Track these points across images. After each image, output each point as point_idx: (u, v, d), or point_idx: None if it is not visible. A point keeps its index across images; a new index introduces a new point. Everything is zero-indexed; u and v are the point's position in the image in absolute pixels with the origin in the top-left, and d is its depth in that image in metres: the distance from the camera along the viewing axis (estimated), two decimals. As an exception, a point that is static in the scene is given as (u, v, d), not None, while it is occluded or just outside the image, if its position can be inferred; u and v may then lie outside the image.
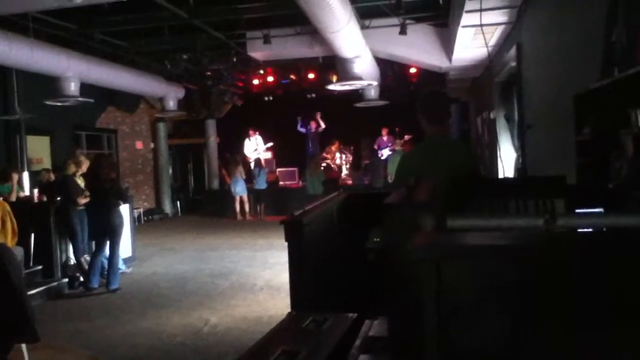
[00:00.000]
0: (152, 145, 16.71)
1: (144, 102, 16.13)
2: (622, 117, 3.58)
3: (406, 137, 14.69)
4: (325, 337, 2.34)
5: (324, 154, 16.71)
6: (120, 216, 7.54)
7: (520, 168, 7.49)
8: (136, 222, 13.05)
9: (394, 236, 1.71)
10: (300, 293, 3.20)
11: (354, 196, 5.19)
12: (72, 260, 7.88)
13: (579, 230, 1.36)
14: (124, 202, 7.94)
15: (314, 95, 16.25)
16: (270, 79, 15.59)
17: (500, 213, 2.18)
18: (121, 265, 8.12)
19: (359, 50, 9.83)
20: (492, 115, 10.45)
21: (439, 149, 3.24)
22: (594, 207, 3.10)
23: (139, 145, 16.34)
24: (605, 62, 4.15)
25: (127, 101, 15.01)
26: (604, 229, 1.46)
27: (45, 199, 8.42)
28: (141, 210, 15.00)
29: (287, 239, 3.35)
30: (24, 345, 4.42)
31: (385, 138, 16.23)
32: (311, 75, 15.10)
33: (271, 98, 16.95)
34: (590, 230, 1.58)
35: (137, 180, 16.09)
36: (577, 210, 2.79)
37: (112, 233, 7.43)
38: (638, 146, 3.57)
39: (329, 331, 2.42)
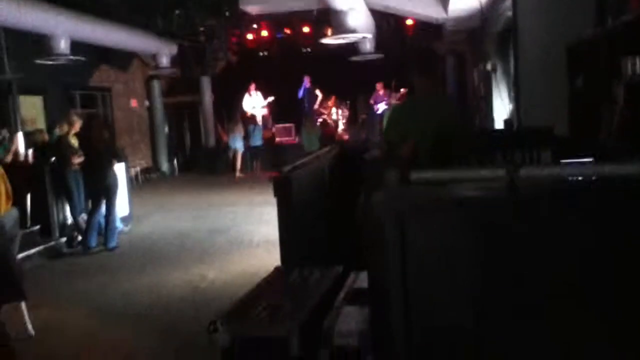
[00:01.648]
0: (147, 103, 16.57)
1: (137, 60, 15.90)
2: (615, 66, 3.55)
3: (402, 90, 14.57)
4: (310, 290, 2.37)
5: (321, 110, 16.61)
6: (114, 176, 7.55)
7: (507, 119, 7.45)
8: (133, 181, 13.08)
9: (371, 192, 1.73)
10: (289, 248, 3.23)
11: (346, 151, 5.18)
12: (70, 220, 7.93)
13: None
14: (119, 162, 7.93)
15: (309, 49, 16.02)
16: (264, 33, 15.35)
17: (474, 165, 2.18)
18: (119, 224, 8.16)
19: (352, 2, 9.65)
20: (488, 67, 10.34)
21: (426, 104, 3.23)
22: (583, 158, 3.11)
23: (133, 103, 16.19)
24: (599, 10, 4.08)
25: (120, 59, 14.79)
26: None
27: (38, 159, 8.40)
28: (138, 169, 14.99)
29: (276, 195, 3.36)
30: (23, 304, 4.50)
31: (381, 92, 16.08)
32: (306, 29, 14.87)
33: (266, 53, 16.71)
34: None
35: (133, 139, 16.02)
36: (563, 161, 2.81)
37: (107, 192, 7.45)
38: (629, 96, 3.54)
39: (314, 284, 2.45)
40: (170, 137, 17.44)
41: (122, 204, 8.61)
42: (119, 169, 8.26)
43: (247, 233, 8.03)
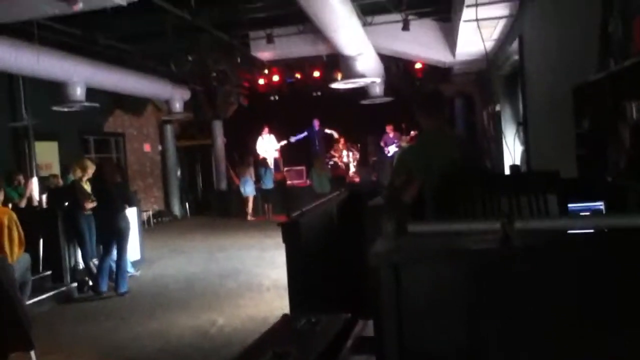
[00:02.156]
0: (160, 147, 16.80)
1: (150, 104, 16.21)
2: (619, 109, 3.56)
3: (412, 133, 14.67)
4: (317, 338, 2.36)
5: (331, 152, 16.72)
6: (126, 220, 7.61)
7: (513, 165, 7.46)
8: (145, 225, 13.17)
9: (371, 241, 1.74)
10: (298, 294, 3.22)
11: (355, 195, 5.19)
12: (81, 265, 7.97)
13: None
14: (130, 206, 8.01)
15: (319, 93, 16.24)
16: (275, 78, 15.62)
17: (466, 217, 2.19)
18: (130, 269, 8.19)
19: (361, 47, 9.83)
20: (496, 108, 10.41)
21: (433, 142, 3.26)
22: (591, 201, 3.11)
23: (147, 147, 16.43)
24: (602, 53, 4.12)
25: (134, 104, 15.09)
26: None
27: (51, 204, 8.50)
28: (150, 212, 15.09)
29: (284, 241, 3.37)
30: (32, 352, 4.49)
31: (391, 135, 16.20)
32: (316, 74, 15.11)
33: (277, 97, 16.97)
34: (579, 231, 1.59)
35: (146, 182, 16.19)
36: (570, 205, 2.80)
37: (118, 237, 7.50)
38: (634, 138, 3.55)
39: (321, 332, 2.44)
40: (183, 180, 17.60)
41: (133, 248, 8.65)
42: (131, 213, 8.33)
43: (258, 277, 8.00)
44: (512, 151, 8.19)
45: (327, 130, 16.74)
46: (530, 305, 0.93)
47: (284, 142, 16.89)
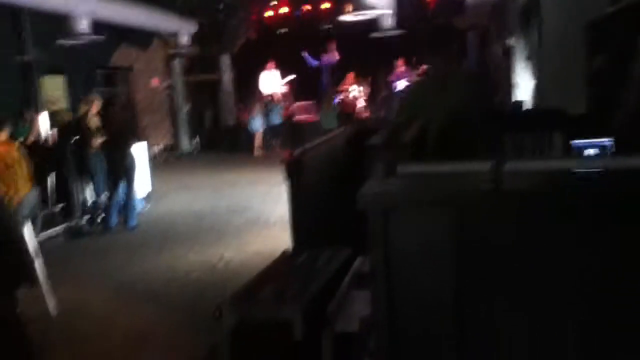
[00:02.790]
0: (168, 82, 16.65)
1: (157, 38, 15.94)
2: (632, 45, 3.45)
3: (423, 67, 14.36)
4: (317, 273, 2.38)
5: (340, 87, 16.48)
6: (131, 156, 7.63)
7: (516, 101, 7.30)
8: (154, 160, 13.21)
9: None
10: (299, 231, 3.26)
11: (362, 131, 5.15)
12: (91, 200, 8.06)
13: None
14: (138, 141, 8.02)
15: (329, 26, 15.85)
16: (283, 10, 15.23)
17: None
18: (139, 203, 8.28)
19: (371, -22, 9.50)
20: (510, 42, 10.14)
21: (438, 85, 3.17)
22: (598, 138, 3.05)
23: (155, 82, 16.28)
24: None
25: (140, 38, 14.83)
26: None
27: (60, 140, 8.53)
28: (159, 147, 15.12)
29: (286, 178, 3.38)
30: (43, 284, 4.63)
31: (402, 69, 15.87)
32: (326, 5, 14.71)
33: (285, 30, 16.59)
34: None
35: (154, 118, 16.14)
36: (575, 142, 2.76)
37: (125, 172, 7.55)
38: (648, 75, 3.45)
39: (322, 267, 2.46)
40: (191, 116, 17.52)
41: (142, 184, 8.72)
42: (140, 148, 8.35)
43: (264, 212, 8.08)
44: (520, 87, 8.03)
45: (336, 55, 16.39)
46: (516, 251, 0.92)
47: (292, 77, 16.61)
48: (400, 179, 1.00)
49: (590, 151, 2.99)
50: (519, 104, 6.66)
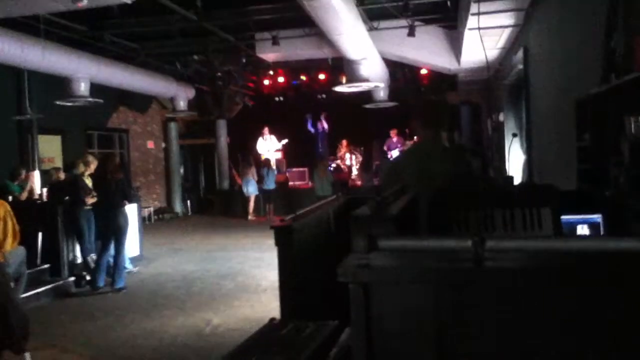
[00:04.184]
0: (163, 145, 16.85)
1: (155, 102, 16.27)
2: (621, 123, 3.55)
3: (416, 138, 14.62)
4: (302, 345, 2.33)
5: (335, 155, 16.72)
6: (125, 216, 7.62)
7: (507, 176, 7.44)
8: (146, 222, 13.18)
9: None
10: (288, 300, 3.21)
11: (354, 200, 5.17)
12: (79, 259, 7.98)
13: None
14: (130, 202, 8.02)
15: (324, 95, 16.27)
16: (280, 79, 15.67)
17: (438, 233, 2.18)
18: (128, 265, 8.20)
19: (365, 52, 9.83)
20: (500, 118, 10.39)
21: (429, 156, 3.22)
22: (589, 214, 3.09)
23: (150, 145, 16.48)
24: (605, 67, 4.12)
25: (138, 101, 15.15)
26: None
27: (52, 198, 8.53)
28: (151, 209, 15.12)
29: (277, 244, 3.34)
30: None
31: (395, 139, 16.19)
32: (321, 76, 15.15)
33: (282, 98, 17.01)
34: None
35: (149, 179, 16.23)
36: (565, 217, 2.78)
37: (117, 232, 7.51)
38: (634, 153, 3.53)
39: (307, 339, 2.41)
40: (185, 179, 17.63)
41: (132, 244, 8.66)
42: (132, 209, 8.35)
43: (255, 278, 8.00)
44: (510, 161, 8.16)
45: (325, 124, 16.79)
46: (500, 330, 0.92)
47: (285, 142, 16.90)
48: (382, 253, 1.01)
49: (580, 228, 3.02)
50: (510, 178, 6.77)
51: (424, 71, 14.20)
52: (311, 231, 3.70)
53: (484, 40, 8.48)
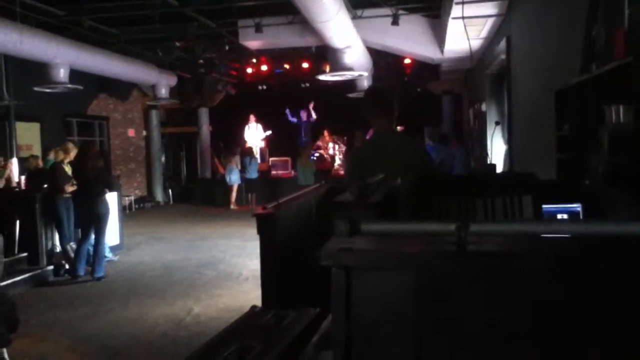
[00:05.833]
0: (144, 133, 16.67)
1: (136, 89, 16.06)
2: (600, 113, 3.58)
3: (398, 128, 14.65)
4: (283, 333, 2.33)
5: (317, 144, 16.69)
6: (105, 204, 7.53)
7: (489, 164, 7.50)
8: (126, 210, 13.06)
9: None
10: (270, 287, 3.20)
11: (336, 189, 5.17)
12: (58, 248, 7.88)
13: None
14: (110, 190, 7.92)
15: (307, 84, 16.21)
16: (264, 67, 15.56)
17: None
18: (108, 254, 8.12)
19: (349, 40, 9.79)
20: (482, 108, 10.45)
21: (387, 145, 3.22)
22: (568, 204, 3.11)
23: (130, 132, 16.30)
24: (585, 58, 4.14)
25: (119, 89, 14.95)
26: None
27: (30, 186, 8.41)
28: (132, 198, 14.99)
29: (259, 232, 3.34)
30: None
31: (378, 129, 16.17)
32: (305, 65, 15.06)
33: (265, 87, 16.92)
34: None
35: (129, 168, 16.07)
36: (545, 206, 2.80)
37: (97, 221, 7.42)
38: (613, 143, 3.56)
39: (288, 326, 2.40)
40: (167, 167, 17.49)
41: (113, 233, 8.57)
42: (112, 197, 8.25)
43: (237, 267, 7.97)
44: (492, 150, 8.22)
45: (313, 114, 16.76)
46: (478, 314, 0.92)
47: (268, 132, 16.86)
48: (365, 238, 1.00)
49: (560, 217, 3.04)
50: (492, 167, 6.83)
51: (407, 61, 14.20)
52: (293, 219, 3.69)
53: (468, 29, 8.50)
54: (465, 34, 8.83)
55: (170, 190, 16.95)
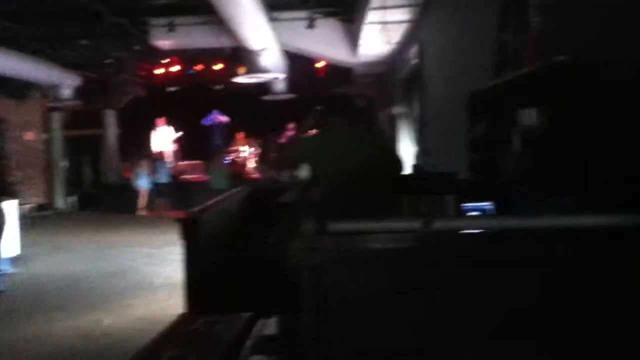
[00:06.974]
0: (44, 136, 15.70)
1: (37, 90, 15.10)
2: (512, 116, 3.74)
3: (314, 131, 14.75)
4: (216, 339, 2.24)
5: (231, 147, 16.48)
6: (1, 213, 6.97)
7: (416, 164, 7.72)
8: (26, 219, 12.20)
9: (287, 237, 1.64)
10: (195, 294, 3.07)
11: (258, 191, 5.08)
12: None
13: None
14: (8, 198, 7.37)
15: (221, 86, 15.93)
16: (175, 68, 15.12)
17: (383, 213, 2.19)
18: (6, 266, 7.54)
19: (266, 42, 9.73)
20: (393, 111, 10.72)
21: (342, 139, 3.21)
22: (483, 202, 3.22)
23: (29, 136, 15.29)
24: (498, 62, 4.33)
25: (16, 88, 13.99)
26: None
27: None
28: (31, 205, 14.05)
29: (182, 238, 3.20)
30: None
31: (292, 132, 16.20)
32: (219, 66, 14.79)
33: (176, 88, 16.44)
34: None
35: (27, 173, 15.04)
36: (465, 205, 2.89)
37: (-7, 231, 6.86)
38: (524, 143, 3.74)
39: (220, 333, 2.32)
40: (70, 172, 16.56)
41: (11, 244, 7.97)
42: (9, 205, 7.66)
43: (148, 275, 7.67)
44: (406, 152, 8.44)
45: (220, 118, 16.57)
46: (447, 310, 0.90)
47: (179, 134, 16.42)
48: (332, 236, 0.96)
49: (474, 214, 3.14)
50: (419, 167, 7.02)
51: (321, 63, 14.30)
52: (218, 223, 3.57)
53: (381, 35, 8.70)
54: (378, 39, 9.05)
55: (73, 197, 16.06)
